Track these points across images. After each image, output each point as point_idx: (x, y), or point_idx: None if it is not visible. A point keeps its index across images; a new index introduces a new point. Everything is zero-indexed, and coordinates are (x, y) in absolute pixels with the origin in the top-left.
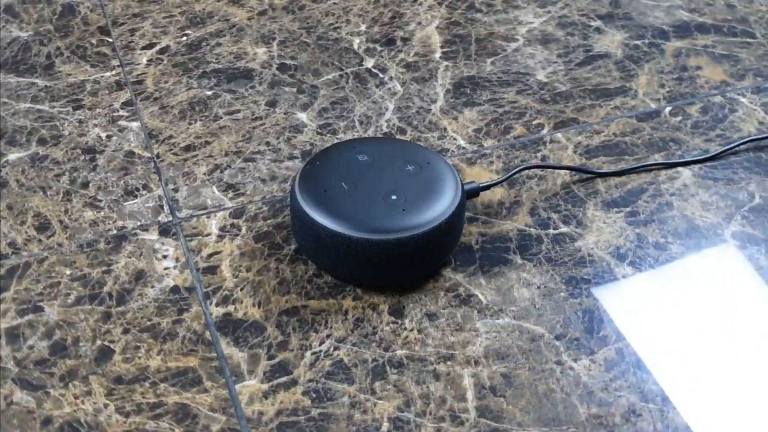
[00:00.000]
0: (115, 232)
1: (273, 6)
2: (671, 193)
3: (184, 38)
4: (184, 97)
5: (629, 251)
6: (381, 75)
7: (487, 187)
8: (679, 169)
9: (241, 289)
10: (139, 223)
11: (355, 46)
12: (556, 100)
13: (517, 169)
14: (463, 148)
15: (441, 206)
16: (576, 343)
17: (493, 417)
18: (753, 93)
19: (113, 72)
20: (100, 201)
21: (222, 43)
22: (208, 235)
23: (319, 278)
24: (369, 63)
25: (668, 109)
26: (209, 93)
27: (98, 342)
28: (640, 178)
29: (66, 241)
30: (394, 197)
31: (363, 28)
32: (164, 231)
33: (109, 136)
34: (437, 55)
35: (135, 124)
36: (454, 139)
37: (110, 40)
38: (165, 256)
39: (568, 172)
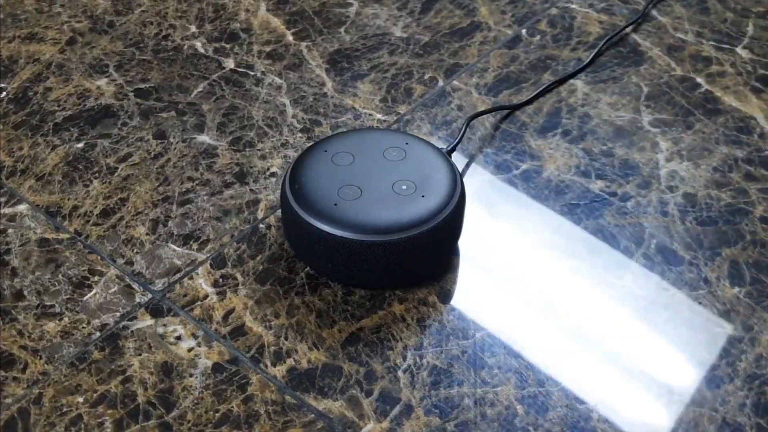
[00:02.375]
0: (99, 334)
1: (78, 31)
2: (581, 105)
3: (3, 94)
4: (56, 159)
5: (591, 166)
6: (251, 72)
7: (455, 148)
8: (572, 81)
9: (285, 338)
10: (119, 314)
11: (202, 50)
12: (427, 51)
13: (467, 122)
14: (384, 120)
15: (448, 180)
16: (614, 263)
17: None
18: None
19: None
20: (53, 306)
21: (51, 87)
22: (206, 297)
23: (352, 296)
24: (230, 63)
25: (523, 31)
26: (80, 145)
27: None
28: (547, 100)
29: (50, 368)
30: (404, 187)
31: (194, 29)
32: (156, 311)
33: (2, 231)
34: (290, 38)
35: (22, 207)
36: (370, 114)
37: None
38: (179, 338)
39: (488, 114)
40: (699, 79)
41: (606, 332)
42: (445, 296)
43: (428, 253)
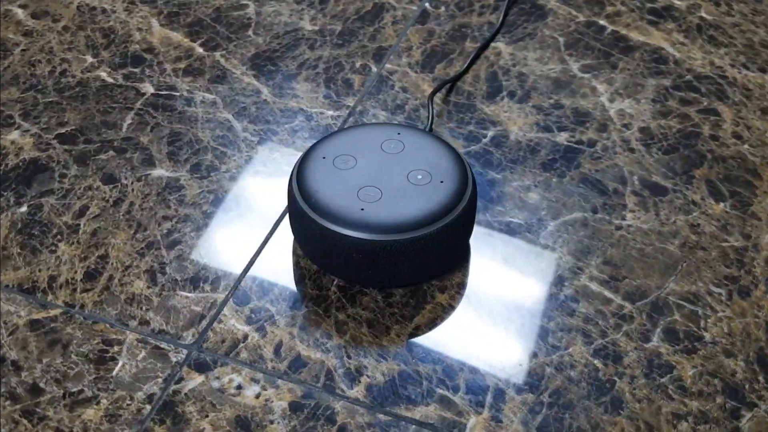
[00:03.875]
0: (149, 407)
1: None
2: (513, 64)
3: None
4: (3, 230)
5: (549, 121)
6: (176, 93)
7: (431, 129)
8: (493, 44)
9: (348, 357)
10: (161, 379)
11: (111, 80)
12: (347, 40)
13: (430, 101)
14: (338, 116)
15: (457, 161)
16: (612, 205)
17: (642, 294)
18: None
19: None
20: (82, 391)
21: None
22: (246, 336)
23: (392, 297)
24: (148, 88)
25: (427, 4)
26: (24, 209)
27: None
28: (479, 67)
29: None
30: (419, 177)
31: (91, 59)
32: (201, 366)
33: None
34: (200, 50)
35: None
36: (321, 113)
37: None
38: (240, 387)
39: (430, 88)
40: (602, 22)
41: (633, 270)
42: (479, 274)
43: (463, 236)
